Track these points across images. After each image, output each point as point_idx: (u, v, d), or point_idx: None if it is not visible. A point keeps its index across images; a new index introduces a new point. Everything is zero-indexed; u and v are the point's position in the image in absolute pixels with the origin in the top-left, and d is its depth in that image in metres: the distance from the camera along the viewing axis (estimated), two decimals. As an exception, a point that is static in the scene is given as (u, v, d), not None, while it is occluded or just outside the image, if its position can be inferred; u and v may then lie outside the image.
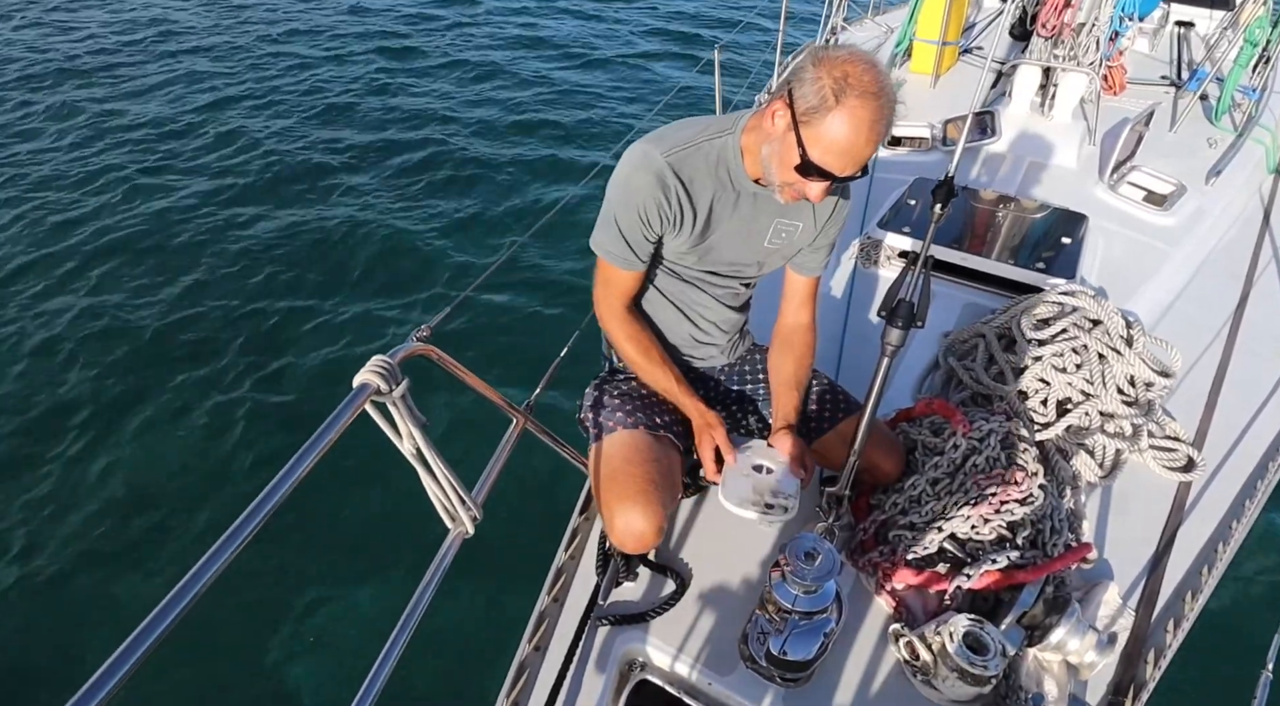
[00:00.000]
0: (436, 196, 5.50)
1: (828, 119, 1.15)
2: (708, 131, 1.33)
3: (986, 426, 1.60)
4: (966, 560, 1.44)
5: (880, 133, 1.18)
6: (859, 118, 1.14)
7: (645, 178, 1.29)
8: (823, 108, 1.14)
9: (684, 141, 1.31)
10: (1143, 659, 1.38)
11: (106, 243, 4.95)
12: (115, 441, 3.48)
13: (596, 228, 1.40)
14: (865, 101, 1.13)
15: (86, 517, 3.12)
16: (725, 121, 1.34)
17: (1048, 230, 2.46)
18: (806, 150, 1.18)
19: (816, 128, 1.16)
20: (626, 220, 1.33)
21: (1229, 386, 2.00)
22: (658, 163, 1.29)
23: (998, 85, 3.28)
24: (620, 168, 1.34)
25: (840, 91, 1.13)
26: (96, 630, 2.71)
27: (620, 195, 1.33)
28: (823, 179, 1.21)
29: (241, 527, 0.78)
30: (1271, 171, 2.96)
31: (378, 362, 0.98)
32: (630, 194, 1.31)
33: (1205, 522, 1.65)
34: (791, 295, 1.58)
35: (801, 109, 1.17)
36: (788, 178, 1.24)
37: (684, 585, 1.49)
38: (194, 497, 3.19)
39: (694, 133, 1.33)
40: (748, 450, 1.45)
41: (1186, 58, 3.61)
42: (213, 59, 8.20)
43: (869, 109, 1.14)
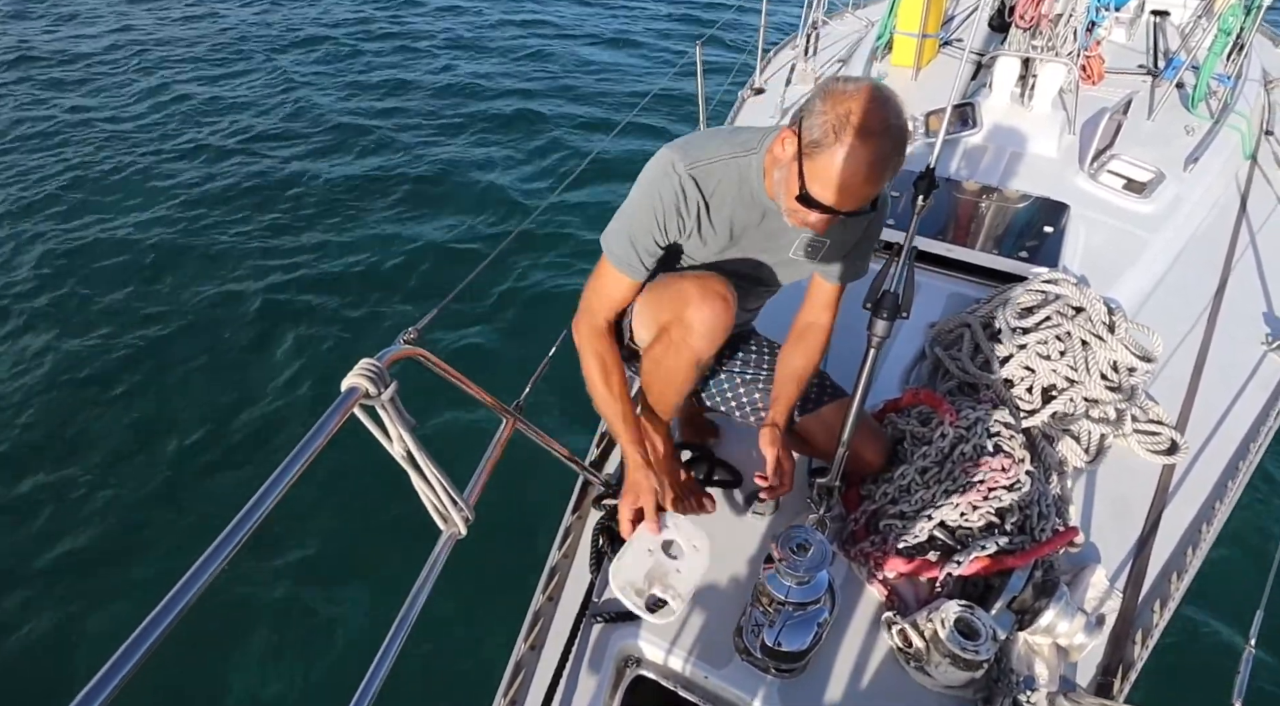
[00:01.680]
0: (420, 197, 5.47)
1: (827, 155, 1.14)
2: (735, 147, 1.32)
3: (973, 415, 1.62)
4: (956, 547, 1.46)
5: (882, 173, 1.17)
6: (858, 156, 1.13)
7: (665, 185, 1.29)
8: (824, 143, 1.14)
9: (710, 156, 1.31)
10: (1131, 639, 1.40)
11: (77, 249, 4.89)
12: (96, 451, 3.44)
13: (611, 227, 1.39)
14: (866, 140, 1.12)
15: (68, 530, 3.08)
16: (753, 138, 1.33)
17: (1030, 219, 2.48)
18: (806, 183, 1.18)
19: (817, 162, 1.16)
20: (641, 224, 1.33)
21: (1210, 370, 2.02)
22: (680, 173, 1.29)
23: (978, 77, 3.30)
24: (645, 171, 1.34)
25: (841, 128, 1.12)
26: (84, 642, 2.68)
27: (639, 198, 1.33)
28: (823, 212, 1.21)
29: (231, 535, 0.77)
30: (1247, 157, 3.00)
31: (365, 366, 0.98)
32: (649, 199, 1.31)
33: (1189, 504, 1.67)
34: (815, 296, 1.56)
35: (806, 141, 1.17)
36: (791, 205, 1.24)
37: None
38: (182, 506, 3.16)
39: (722, 147, 1.32)
40: (672, 522, 1.42)
41: (1163, 47, 3.65)
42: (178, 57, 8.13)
43: (869, 148, 1.13)
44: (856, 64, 3.54)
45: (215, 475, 3.30)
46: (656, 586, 1.32)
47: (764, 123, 3.40)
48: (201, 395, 3.72)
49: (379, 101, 7.10)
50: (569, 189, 4.64)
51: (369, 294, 4.44)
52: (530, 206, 5.18)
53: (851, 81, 1.16)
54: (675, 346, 1.36)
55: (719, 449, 1.82)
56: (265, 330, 4.15)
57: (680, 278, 1.36)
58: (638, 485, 1.41)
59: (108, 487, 3.26)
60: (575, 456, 1.56)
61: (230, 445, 3.44)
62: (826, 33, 4.16)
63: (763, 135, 1.33)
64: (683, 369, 1.40)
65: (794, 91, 3.62)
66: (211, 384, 3.80)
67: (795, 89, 3.64)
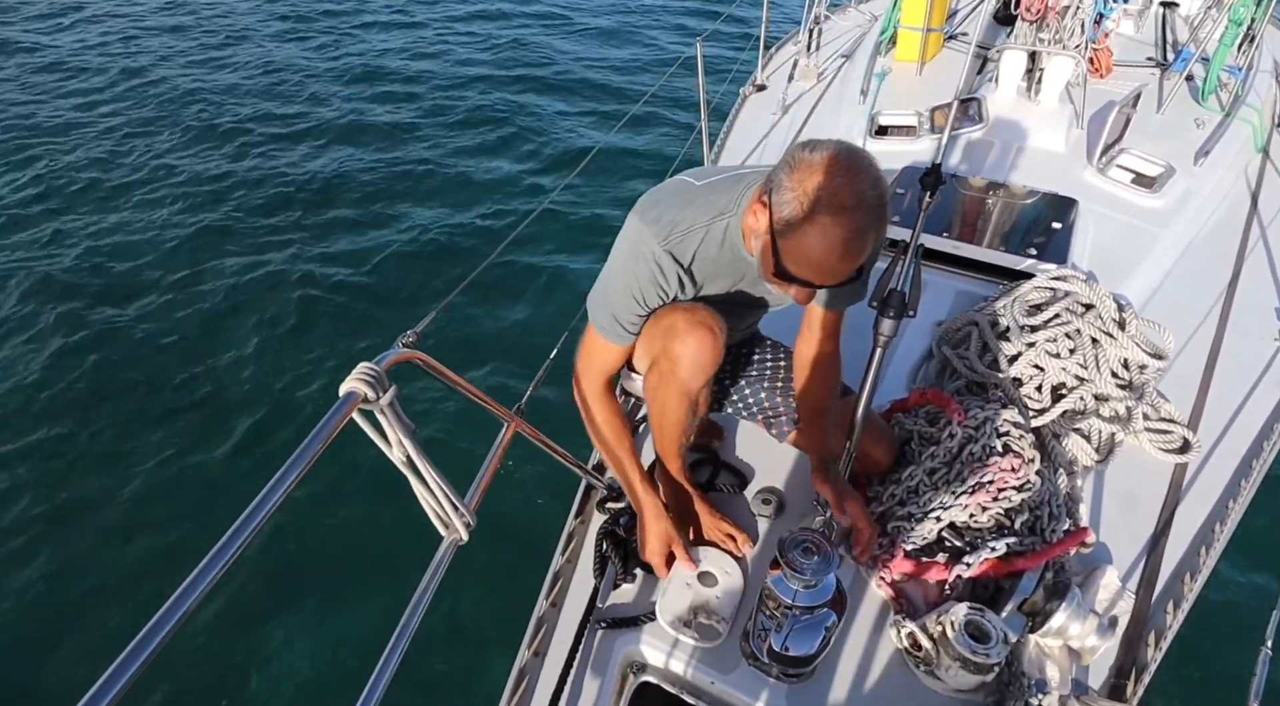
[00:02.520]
0: (417, 199, 5.46)
1: (798, 235, 1.08)
2: (711, 211, 1.26)
3: (982, 415, 1.59)
4: (965, 549, 1.43)
5: (860, 249, 1.09)
6: (832, 236, 1.06)
7: (640, 267, 1.27)
8: (794, 222, 1.07)
9: (685, 224, 1.25)
10: (1144, 641, 1.37)
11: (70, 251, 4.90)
12: (97, 457, 3.44)
13: (593, 293, 1.37)
14: (838, 218, 1.05)
15: (66, 537, 3.08)
16: (729, 198, 1.26)
17: (1038, 215, 2.45)
18: (781, 260, 1.13)
19: (789, 241, 1.10)
20: (622, 301, 1.31)
21: (1222, 366, 1.99)
22: (655, 251, 1.25)
23: (984, 71, 3.27)
24: (619, 245, 1.31)
25: (811, 206, 1.06)
26: (78, 651, 2.68)
27: (617, 276, 1.31)
28: (804, 287, 1.16)
29: (230, 541, 0.76)
30: (1259, 150, 2.96)
31: (364, 370, 0.97)
32: (625, 277, 1.29)
33: (1202, 503, 1.64)
34: (813, 323, 1.47)
35: (776, 218, 1.10)
36: (768, 278, 1.19)
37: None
38: (180, 512, 3.16)
39: (697, 212, 1.26)
40: (701, 554, 1.49)
41: (1171, 39, 3.60)
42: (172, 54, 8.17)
43: (842, 227, 1.05)
44: (860, 59, 3.50)
45: (212, 482, 3.30)
46: (701, 615, 1.41)
47: (766, 118, 3.37)
48: (196, 401, 3.72)
49: (374, 103, 7.09)
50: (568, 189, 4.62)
51: (366, 297, 4.44)
52: (529, 207, 5.17)
53: (820, 148, 1.09)
54: (665, 378, 1.34)
55: (723, 450, 1.80)
56: (262, 335, 4.15)
57: (670, 309, 1.32)
58: (662, 534, 1.45)
59: (103, 492, 3.26)
60: (578, 460, 1.55)
61: (227, 451, 3.44)
62: (829, 28, 4.13)
63: (739, 193, 1.26)
64: (674, 400, 1.38)
65: (796, 87, 3.59)
66: (206, 390, 3.79)
67: (797, 85, 3.61)
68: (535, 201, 5.27)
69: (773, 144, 3.16)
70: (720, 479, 1.71)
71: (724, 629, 1.39)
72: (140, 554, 3.00)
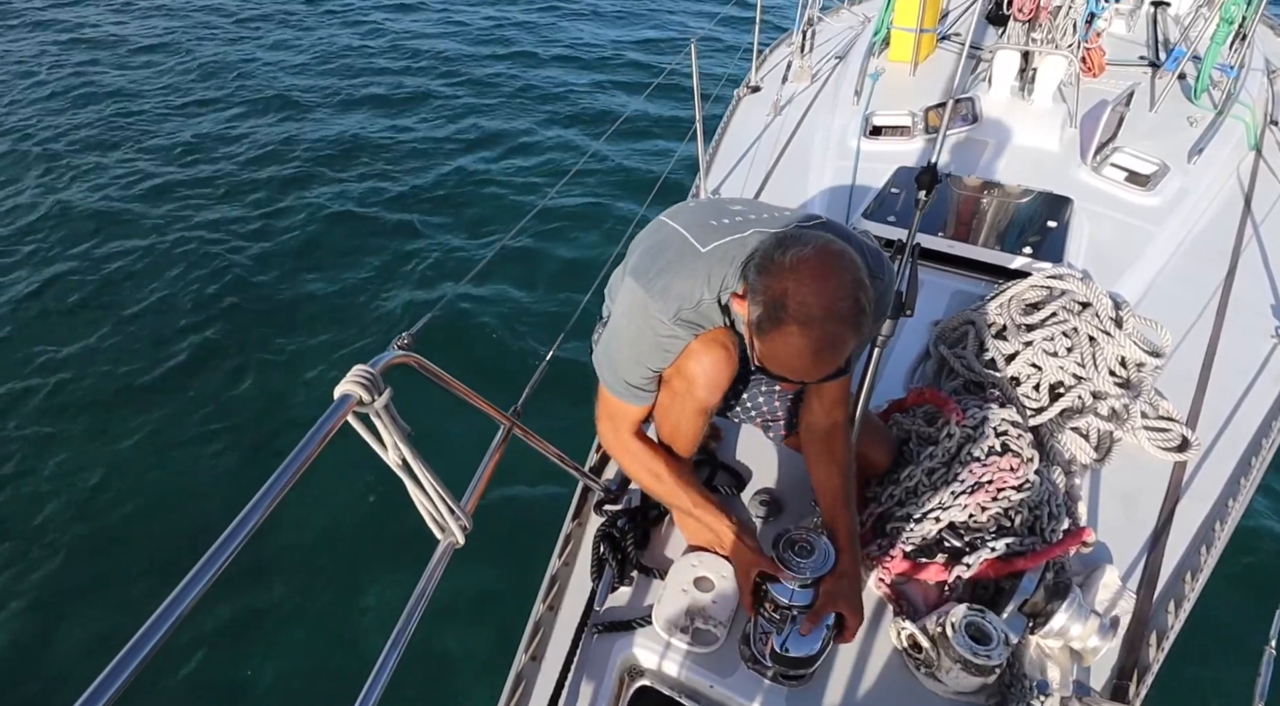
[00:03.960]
0: (411, 202, 5.43)
1: (769, 339, 1.06)
2: (715, 284, 1.20)
3: (980, 414, 1.59)
4: (965, 549, 1.42)
5: (830, 357, 1.05)
6: (799, 345, 1.03)
7: (651, 341, 1.25)
8: (765, 327, 1.05)
9: (694, 299, 1.20)
10: (1145, 641, 1.37)
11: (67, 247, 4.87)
12: (87, 458, 3.41)
13: (603, 363, 1.34)
14: (806, 329, 1.01)
15: (57, 540, 3.05)
16: (727, 269, 1.20)
17: (1033, 214, 2.45)
18: (759, 357, 1.11)
19: (763, 342, 1.08)
20: (633, 370, 1.29)
21: (1219, 364, 1.99)
22: (663, 326, 1.22)
23: (977, 71, 3.28)
24: (626, 318, 1.27)
25: (778, 314, 1.02)
26: (74, 654, 2.65)
27: (625, 348, 1.28)
28: (785, 381, 1.16)
29: (224, 546, 0.75)
30: (1252, 148, 2.97)
31: (359, 372, 0.96)
32: (635, 352, 1.27)
33: (1202, 501, 1.64)
34: (820, 392, 1.38)
35: (751, 317, 1.08)
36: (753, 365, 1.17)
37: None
38: (174, 517, 3.13)
39: (701, 288, 1.20)
40: (696, 559, 1.48)
41: (1163, 38, 3.62)
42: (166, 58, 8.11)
43: (810, 337, 1.02)
44: (854, 60, 3.51)
45: (206, 485, 3.27)
46: (698, 620, 1.39)
47: (760, 120, 3.37)
48: (191, 404, 3.69)
49: (368, 105, 7.06)
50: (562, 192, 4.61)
51: (362, 300, 4.41)
52: (523, 210, 5.15)
53: (791, 248, 1.04)
54: (680, 397, 1.32)
55: (721, 452, 1.79)
56: (257, 339, 4.12)
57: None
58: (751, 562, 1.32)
59: (95, 494, 3.23)
60: (575, 462, 1.54)
61: (221, 455, 3.41)
62: (823, 29, 4.14)
63: (738, 262, 1.19)
64: (689, 418, 1.36)
65: (790, 88, 3.60)
66: (202, 394, 3.76)
67: (791, 86, 3.61)
68: (529, 203, 5.25)
69: (767, 145, 3.16)
70: (718, 480, 1.70)
71: (721, 633, 1.38)
72: (133, 558, 2.96)
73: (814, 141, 3.05)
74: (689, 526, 1.55)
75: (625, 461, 1.42)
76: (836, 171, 2.83)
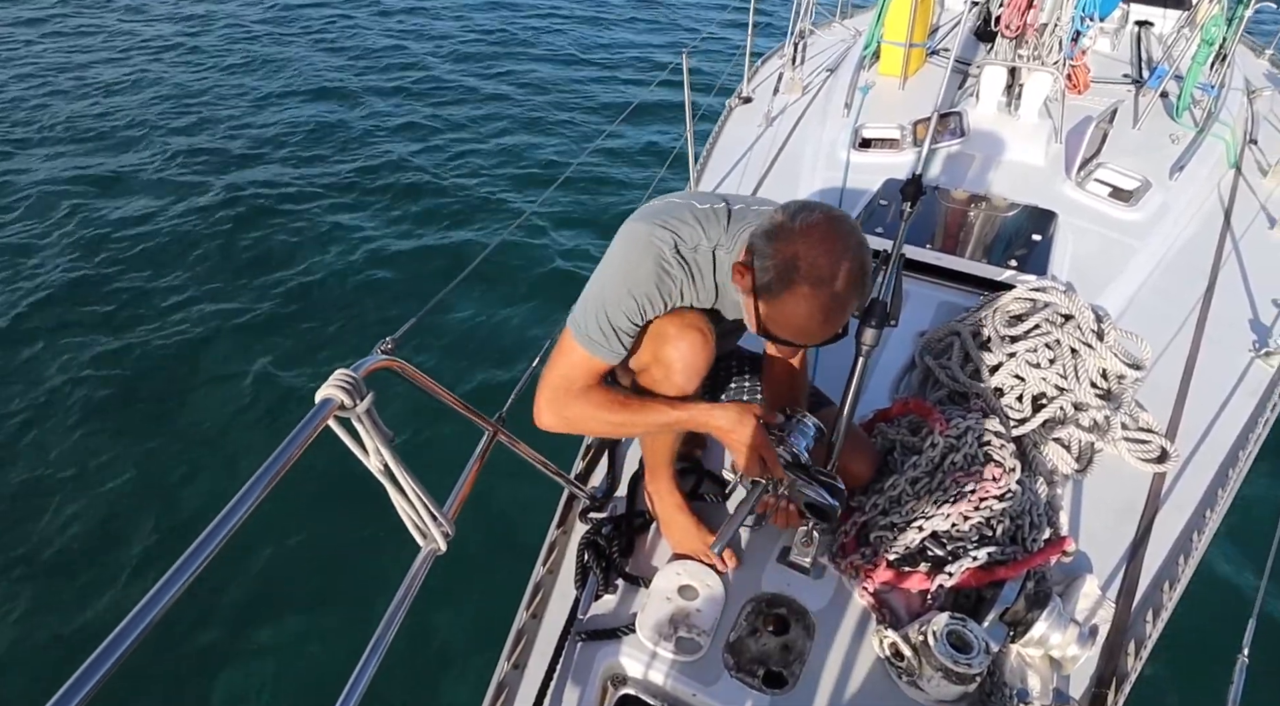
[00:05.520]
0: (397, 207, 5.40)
1: (779, 302, 1.09)
2: (713, 239, 1.23)
3: (963, 424, 1.60)
4: (948, 558, 1.43)
5: (840, 316, 1.09)
6: (810, 306, 1.07)
7: (649, 266, 1.20)
8: (773, 290, 1.08)
9: (692, 240, 1.23)
10: (1124, 650, 1.38)
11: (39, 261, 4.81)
12: (60, 460, 3.36)
13: (579, 307, 1.27)
14: (817, 290, 1.05)
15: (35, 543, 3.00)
16: (725, 231, 1.24)
17: (1018, 228, 2.48)
18: (762, 322, 1.14)
19: (770, 307, 1.11)
20: (619, 305, 1.22)
21: (1198, 377, 2.02)
22: (666, 252, 1.20)
23: (965, 86, 3.32)
24: (620, 250, 1.24)
25: (789, 276, 1.06)
26: (47, 658, 2.60)
27: (618, 280, 1.22)
28: (785, 345, 1.18)
29: (200, 550, 0.75)
30: (1231, 166, 3.02)
31: (341, 376, 0.95)
32: (629, 279, 1.21)
33: (1180, 512, 1.66)
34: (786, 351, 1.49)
35: (757, 282, 1.11)
36: (755, 332, 1.20)
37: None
38: (150, 520, 3.08)
39: (700, 233, 1.23)
40: (681, 568, 1.49)
41: (1146, 57, 3.68)
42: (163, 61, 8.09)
43: (820, 297, 1.06)
44: (844, 73, 3.55)
45: (184, 489, 3.22)
46: (682, 628, 1.40)
47: (751, 131, 3.40)
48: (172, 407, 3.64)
49: (354, 113, 7.03)
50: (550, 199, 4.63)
51: (345, 305, 4.37)
52: (510, 217, 5.15)
53: (800, 214, 1.08)
54: (658, 386, 1.31)
55: (706, 459, 1.79)
56: (239, 341, 4.07)
57: (656, 318, 1.29)
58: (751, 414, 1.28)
59: (73, 499, 3.18)
60: (560, 469, 1.54)
61: (200, 458, 3.36)
62: (814, 42, 4.18)
63: (736, 232, 1.24)
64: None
65: (781, 100, 3.63)
66: (183, 396, 3.71)
67: (782, 98, 3.65)
68: (517, 210, 5.25)
69: (758, 156, 3.18)
70: (704, 488, 1.70)
71: (705, 642, 1.38)
72: (107, 562, 2.92)
73: (804, 152, 3.08)
74: (674, 534, 1.55)
75: (577, 410, 1.27)
76: (826, 182, 2.86)
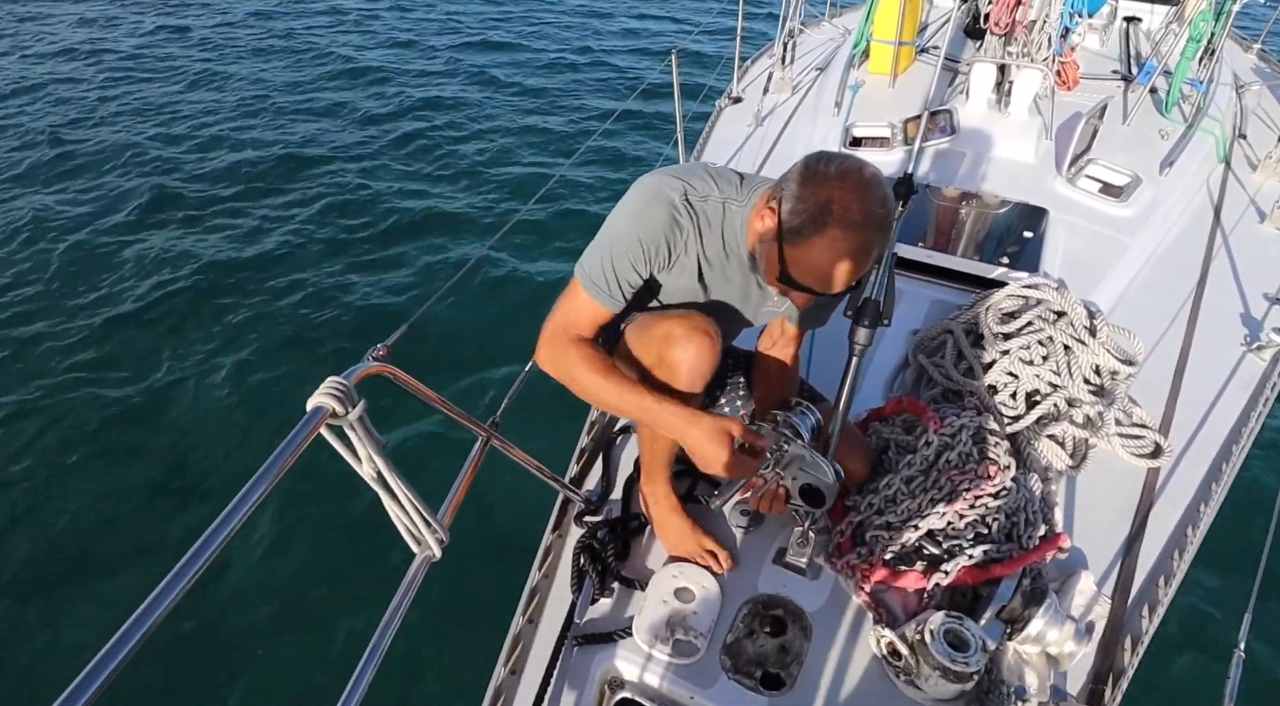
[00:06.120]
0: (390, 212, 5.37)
1: (807, 245, 1.11)
2: (726, 193, 1.27)
3: (958, 422, 1.60)
4: (943, 557, 1.43)
5: (866, 261, 1.14)
6: (840, 249, 1.10)
7: (660, 211, 1.22)
8: (804, 232, 1.11)
9: (703, 192, 1.26)
10: (1121, 646, 1.38)
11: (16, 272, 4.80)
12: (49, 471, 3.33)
13: (587, 252, 1.28)
14: (848, 233, 1.09)
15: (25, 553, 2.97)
16: (740, 188, 1.28)
17: (1010, 225, 2.49)
18: (787, 267, 1.15)
19: (796, 249, 1.13)
20: (626, 250, 1.22)
21: (1191, 372, 2.03)
22: (676, 199, 1.22)
23: (955, 83, 3.33)
24: (633, 197, 1.25)
25: (821, 219, 1.08)
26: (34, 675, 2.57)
27: (627, 225, 1.23)
28: (804, 293, 1.18)
29: (193, 561, 0.74)
30: (1221, 160, 3.03)
31: (332, 384, 0.95)
32: (639, 225, 1.22)
33: (1175, 507, 1.66)
34: (774, 333, 1.54)
35: (785, 225, 1.13)
36: (772, 282, 1.22)
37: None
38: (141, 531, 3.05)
39: (713, 187, 1.26)
40: (677, 570, 1.49)
41: (1135, 53, 3.70)
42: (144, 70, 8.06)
43: (851, 240, 1.09)
44: (834, 72, 3.55)
45: (177, 499, 3.19)
46: (679, 631, 1.40)
47: (741, 131, 3.40)
48: (163, 416, 3.62)
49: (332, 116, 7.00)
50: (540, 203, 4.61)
51: (337, 312, 4.34)
52: (499, 222, 5.13)
53: (834, 161, 1.12)
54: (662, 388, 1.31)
55: None
56: (231, 349, 4.04)
57: (663, 317, 1.30)
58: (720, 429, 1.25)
59: (64, 510, 3.15)
60: (554, 474, 1.53)
61: (193, 468, 3.34)
62: (803, 41, 4.18)
63: (750, 190, 1.27)
64: None
65: (771, 100, 3.63)
66: (174, 406, 3.69)
67: (772, 98, 3.65)
68: (507, 214, 5.22)
69: (748, 156, 3.18)
70: (699, 490, 1.70)
71: (702, 644, 1.38)
72: (98, 576, 2.89)
73: (795, 152, 3.08)
74: (669, 536, 1.55)
75: (567, 358, 1.26)
76: None
